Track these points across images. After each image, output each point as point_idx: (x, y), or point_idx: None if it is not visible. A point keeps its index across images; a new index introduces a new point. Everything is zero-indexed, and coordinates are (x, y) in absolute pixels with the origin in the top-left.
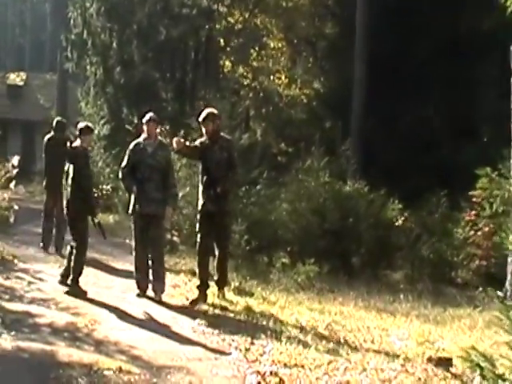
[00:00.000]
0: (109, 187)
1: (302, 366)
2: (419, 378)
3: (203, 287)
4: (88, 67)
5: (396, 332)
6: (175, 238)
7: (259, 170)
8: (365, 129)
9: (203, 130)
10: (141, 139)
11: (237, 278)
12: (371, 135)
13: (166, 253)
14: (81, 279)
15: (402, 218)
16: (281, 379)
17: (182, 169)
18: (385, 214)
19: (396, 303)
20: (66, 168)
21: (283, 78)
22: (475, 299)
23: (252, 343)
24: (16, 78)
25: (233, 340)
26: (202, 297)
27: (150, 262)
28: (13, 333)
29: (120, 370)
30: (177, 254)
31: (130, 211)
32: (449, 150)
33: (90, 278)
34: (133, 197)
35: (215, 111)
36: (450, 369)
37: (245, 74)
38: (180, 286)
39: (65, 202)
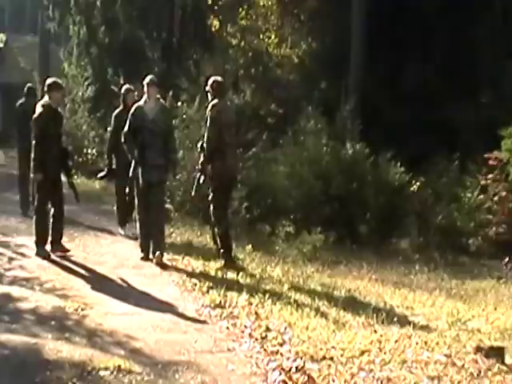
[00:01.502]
0: (94, 151)
1: (332, 359)
2: (471, 374)
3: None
4: (71, 27)
5: (422, 310)
6: (168, 206)
7: (254, 131)
8: (364, 88)
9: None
10: (141, 102)
11: (238, 251)
12: (370, 95)
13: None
14: (69, 254)
15: (418, 184)
16: (309, 377)
17: (175, 132)
18: (391, 179)
19: (411, 275)
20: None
21: (273, 37)
22: (493, 269)
23: (267, 329)
24: None
25: (245, 326)
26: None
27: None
28: None
29: (119, 369)
30: (171, 223)
31: (130, 175)
32: (450, 111)
33: (78, 253)
34: (133, 161)
35: (220, 79)
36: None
37: (233, 33)
38: (178, 260)
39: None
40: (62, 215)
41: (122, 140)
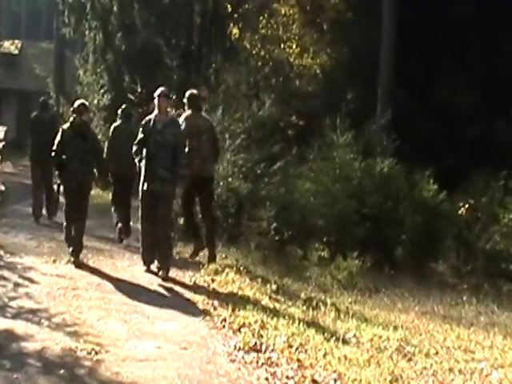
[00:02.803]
0: None
1: None
2: None
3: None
4: (87, 32)
5: (483, 355)
6: None
7: (278, 145)
8: (394, 100)
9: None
10: (153, 115)
11: (267, 275)
12: (401, 108)
13: (178, 241)
14: (82, 281)
15: (466, 206)
16: None
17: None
18: (428, 198)
19: (459, 307)
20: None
21: (294, 46)
22: None
23: (314, 382)
24: (11, 47)
25: (287, 377)
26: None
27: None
28: None
29: None
30: (192, 244)
31: (139, 188)
32: (488, 126)
33: (92, 278)
34: (142, 174)
35: (195, 92)
36: None
37: (253, 42)
38: (204, 287)
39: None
40: None
41: (133, 152)
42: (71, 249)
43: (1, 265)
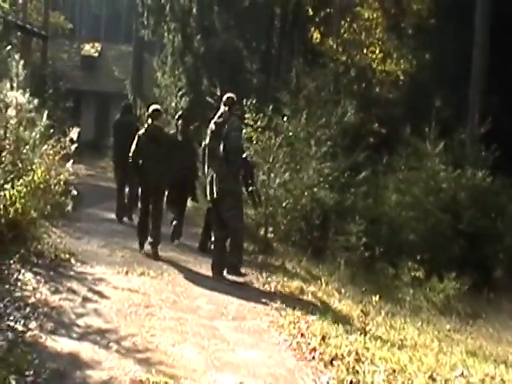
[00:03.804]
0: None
1: None
2: None
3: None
4: (165, 35)
5: None
6: (270, 235)
7: (363, 154)
8: (487, 107)
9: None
10: (221, 119)
11: (357, 296)
12: (495, 114)
13: (259, 253)
14: (155, 297)
15: None
16: None
17: (279, 150)
18: None
19: None
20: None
21: (377, 52)
22: None
23: None
24: (91, 49)
25: None
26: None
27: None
28: None
29: None
30: (274, 257)
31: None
32: None
33: (167, 294)
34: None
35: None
36: None
37: (335, 46)
38: (289, 308)
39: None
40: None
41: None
42: (150, 243)
43: (71, 275)
